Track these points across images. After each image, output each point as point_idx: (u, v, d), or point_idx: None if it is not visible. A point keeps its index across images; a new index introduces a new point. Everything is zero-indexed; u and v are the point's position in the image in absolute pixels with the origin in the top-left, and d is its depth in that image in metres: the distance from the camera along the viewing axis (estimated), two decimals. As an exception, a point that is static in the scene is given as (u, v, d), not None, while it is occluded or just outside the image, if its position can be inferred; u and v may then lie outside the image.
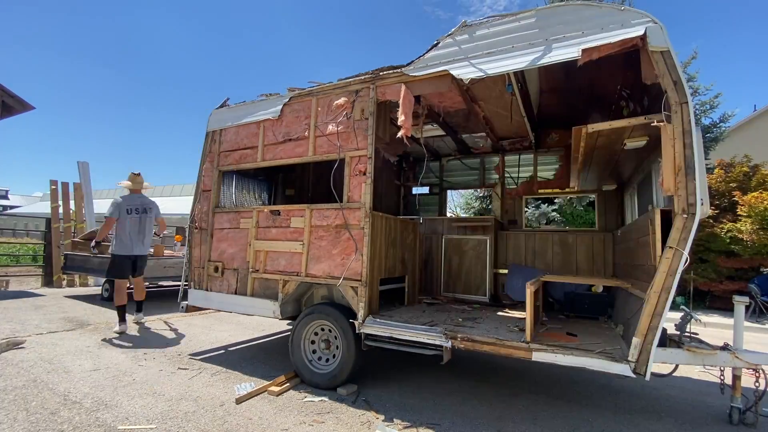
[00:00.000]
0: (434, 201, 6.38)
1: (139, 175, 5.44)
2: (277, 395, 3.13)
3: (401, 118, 3.23)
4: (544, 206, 12.52)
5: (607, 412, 3.09)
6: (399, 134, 3.27)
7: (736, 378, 2.73)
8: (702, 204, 2.26)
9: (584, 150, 3.34)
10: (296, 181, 5.89)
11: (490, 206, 12.25)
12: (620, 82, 3.49)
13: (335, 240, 3.45)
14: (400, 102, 3.28)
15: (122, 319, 4.96)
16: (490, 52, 2.92)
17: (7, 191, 50.57)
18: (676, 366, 2.74)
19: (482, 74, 2.93)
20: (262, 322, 5.99)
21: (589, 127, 2.95)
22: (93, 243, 5.63)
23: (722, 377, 2.88)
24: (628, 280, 3.58)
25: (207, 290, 4.18)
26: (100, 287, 8.15)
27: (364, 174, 3.37)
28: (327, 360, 3.47)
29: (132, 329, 5.26)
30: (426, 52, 3.22)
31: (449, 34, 3.12)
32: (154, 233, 5.82)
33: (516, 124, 4.63)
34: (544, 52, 2.71)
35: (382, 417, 2.81)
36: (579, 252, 4.82)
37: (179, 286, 4.46)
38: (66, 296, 7.94)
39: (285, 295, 3.65)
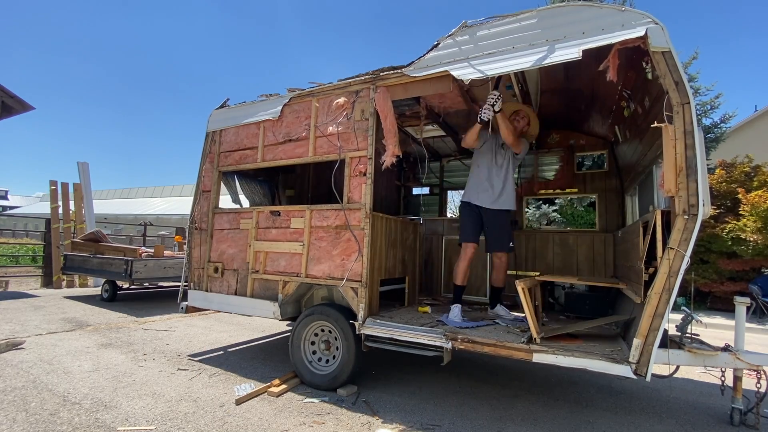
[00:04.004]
0: (434, 201, 6.37)
1: None
2: (277, 396, 3.12)
3: (387, 146, 3.29)
4: (544, 207, 12.51)
5: (609, 413, 3.08)
6: (383, 160, 3.33)
7: (737, 379, 2.72)
8: (704, 205, 2.25)
9: None
10: (296, 182, 5.88)
11: (490, 207, 12.19)
12: (621, 82, 3.48)
13: (335, 241, 3.44)
14: (383, 121, 3.31)
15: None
16: (491, 52, 2.91)
17: (6, 192, 50.59)
18: (677, 367, 2.73)
19: (482, 75, 2.92)
20: (262, 323, 5.99)
21: None
22: None
23: (723, 378, 2.87)
24: (626, 281, 3.57)
25: (207, 291, 4.17)
26: (100, 288, 8.15)
27: (364, 174, 3.36)
28: (327, 361, 3.47)
29: (133, 330, 5.25)
30: (426, 53, 3.21)
31: (449, 35, 3.11)
32: None
33: (516, 124, 4.62)
34: (545, 52, 2.70)
35: (381, 419, 2.81)
36: (579, 252, 4.81)
37: (179, 286, 4.45)
38: (65, 297, 7.94)
39: (285, 296, 3.64)
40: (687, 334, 2.77)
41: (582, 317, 3.97)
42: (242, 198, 5.08)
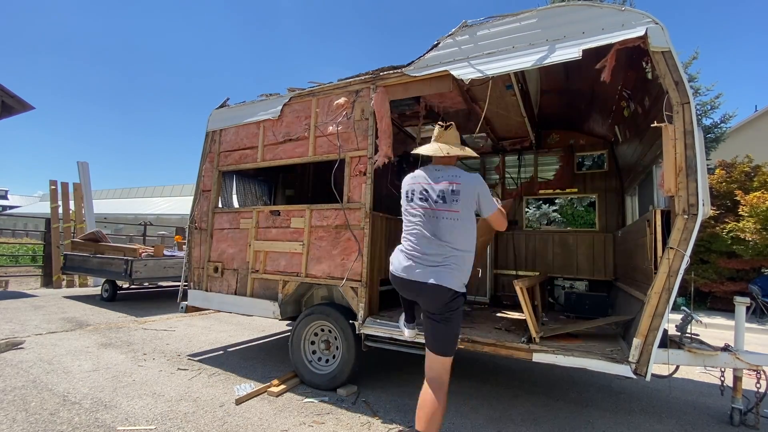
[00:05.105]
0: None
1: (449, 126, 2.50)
2: (277, 396, 3.12)
3: (380, 147, 3.28)
4: (544, 207, 12.51)
5: (608, 413, 3.08)
6: (376, 159, 3.31)
7: (737, 379, 2.72)
8: (703, 205, 2.25)
9: None
10: (296, 182, 5.88)
11: (490, 207, 12.21)
12: (621, 82, 3.49)
13: (335, 240, 3.44)
14: (379, 122, 3.31)
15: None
16: (491, 52, 2.91)
17: (6, 191, 50.53)
18: (677, 367, 2.73)
19: (482, 75, 2.92)
20: (262, 322, 5.99)
21: None
22: None
23: (722, 378, 2.87)
24: (629, 282, 3.57)
25: (207, 290, 4.17)
26: (100, 287, 8.15)
27: (364, 174, 3.36)
28: (327, 361, 3.47)
29: (132, 330, 5.24)
30: (426, 53, 3.21)
31: (450, 35, 3.11)
32: None
33: (516, 124, 4.62)
34: (545, 52, 2.70)
35: (381, 419, 2.80)
36: (579, 253, 4.81)
37: (179, 286, 4.45)
38: (65, 296, 7.94)
39: (285, 295, 3.64)
40: (687, 334, 2.77)
41: (582, 317, 3.97)
42: (234, 199, 5.06)
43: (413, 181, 2.47)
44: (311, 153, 3.69)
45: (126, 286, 8.09)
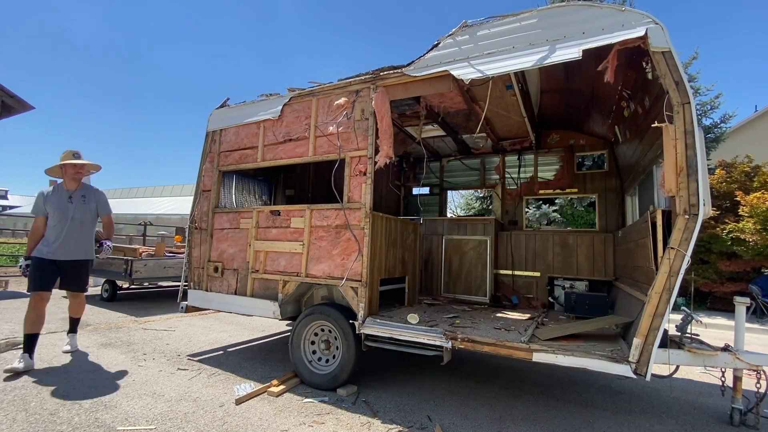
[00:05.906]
0: (434, 201, 6.37)
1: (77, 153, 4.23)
2: (277, 396, 3.12)
3: (381, 147, 3.30)
4: (544, 207, 12.52)
5: (608, 413, 3.08)
6: (378, 159, 3.33)
7: (737, 379, 2.72)
8: (704, 205, 2.25)
9: None
10: (296, 182, 5.88)
11: (490, 207, 12.25)
12: (621, 82, 3.49)
13: (335, 240, 3.44)
14: (379, 122, 3.32)
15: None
16: (491, 52, 2.91)
17: (6, 191, 50.49)
18: (677, 367, 2.73)
19: (483, 75, 2.92)
20: (262, 322, 5.99)
21: None
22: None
23: (723, 378, 2.87)
24: (629, 282, 3.57)
25: (207, 290, 4.17)
26: (100, 287, 8.15)
27: (365, 174, 3.36)
28: (327, 361, 3.47)
29: (132, 330, 5.24)
30: (426, 53, 3.22)
31: (450, 35, 3.11)
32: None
33: (516, 124, 4.63)
34: (545, 52, 2.71)
35: (381, 419, 2.80)
36: (579, 253, 4.81)
37: (179, 286, 4.45)
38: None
39: (285, 295, 3.64)
40: (687, 334, 2.77)
41: (582, 317, 3.97)
42: (235, 199, 5.07)
43: None
44: (311, 153, 3.70)
45: (126, 286, 8.08)
